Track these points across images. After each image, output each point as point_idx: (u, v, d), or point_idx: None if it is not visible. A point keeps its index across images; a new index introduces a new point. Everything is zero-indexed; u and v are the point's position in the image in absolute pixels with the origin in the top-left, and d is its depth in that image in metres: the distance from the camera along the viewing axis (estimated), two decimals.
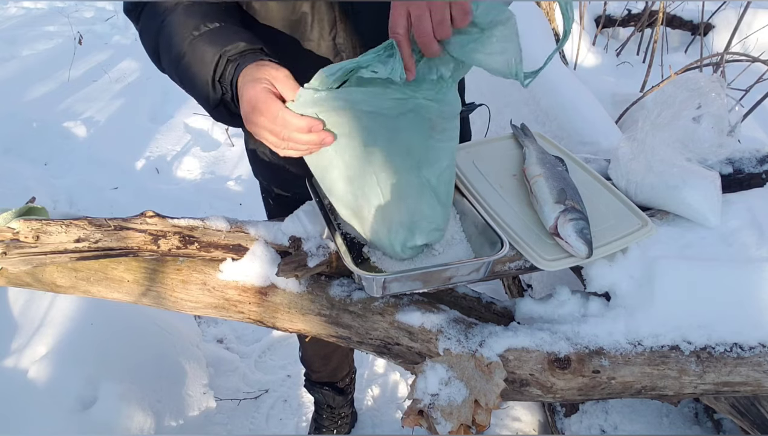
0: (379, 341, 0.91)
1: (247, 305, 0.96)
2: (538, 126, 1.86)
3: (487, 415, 0.79)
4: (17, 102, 3.54)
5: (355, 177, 0.81)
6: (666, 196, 0.97)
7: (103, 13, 5.30)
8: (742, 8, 2.94)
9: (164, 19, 0.86)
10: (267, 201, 1.28)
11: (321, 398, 1.67)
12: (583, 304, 0.94)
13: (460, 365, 0.83)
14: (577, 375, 0.86)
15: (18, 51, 4.35)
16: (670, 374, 0.86)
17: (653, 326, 0.88)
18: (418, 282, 0.84)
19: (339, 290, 0.94)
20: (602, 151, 1.51)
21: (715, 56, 2.52)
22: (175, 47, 0.84)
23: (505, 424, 1.74)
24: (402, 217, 0.83)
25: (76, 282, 0.98)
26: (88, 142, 3.23)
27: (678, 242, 0.95)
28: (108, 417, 1.50)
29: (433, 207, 0.85)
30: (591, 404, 1.46)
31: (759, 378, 0.87)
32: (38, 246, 0.88)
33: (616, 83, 3.23)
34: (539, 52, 2.04)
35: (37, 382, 1.51)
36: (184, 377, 1.76)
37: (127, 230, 0.91)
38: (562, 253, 0.89)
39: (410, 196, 0.83)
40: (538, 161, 1.01)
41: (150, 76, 3.88)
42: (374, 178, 0.81)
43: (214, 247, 0.94)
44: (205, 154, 3.17)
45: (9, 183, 2.70)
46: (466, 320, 0.92)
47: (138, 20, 0.94)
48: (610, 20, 4.09)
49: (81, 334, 1.65)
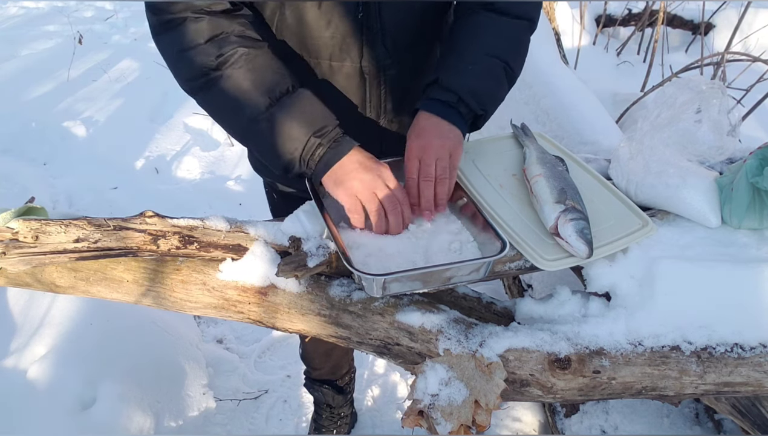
0: (379, 342, 0.91)
1: (247, 305, 0.95)
2: (539, 126, 1.86)
3: (487, 415, 0.79)
4: (17, 102, 3.54)
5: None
6: (666, 196, 0.97)
7: (102, 13, 5.30)
8: (743, 8, 2.94)
9: (221, 71, 0.87)
10: (271, 196, 1.29)
11: (321, 397, 1.67)
12: (583, 304, 0.93)
13: (460, 365, 0.83)
14: (577, 375, 0.85)
15: (17, 51, 4.35)
16: (670, 375, 0.86)
17: (654, 327, 0.88)
18: (418, 282, 0.84)
19: (339, 290, 0.94)
20: (602, 151, 1.51)
21: (716, 56, 2.53)
22: (247, 109, 0.88)
23: (505, 424, 1.74)
24: None
25: (76, 282, 0.98)
26: (87, 142, 3.23)
27: (678, 242, 0.95)
28: (107, 417, 1.50)
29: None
30: (591, 405, 1.45)
31: (760, 378, 0.87)
32: (37, 246, 0.88)
33: (616, 83, 3.23)
34: (539, 52, 2.04)
35: (37, 382, 1.51)
36: (183, 377, 1.76)
37: (126, 230, 0.90)
38: (562, 253, 0.88)
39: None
40: (539, 161, 1.01)
41: (149, 76, 3.87)
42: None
43: (213, 247, 0.94)
44: (205, 154, 3.16)
45: (8, 183, 2.70)
46: (467, 320, 0.92)
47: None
48: (610, 20, 4.09)
49: (80, 334, 1.65)
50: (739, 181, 0.92)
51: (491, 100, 0.97)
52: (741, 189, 0.92)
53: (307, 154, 0.88)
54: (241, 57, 0.87)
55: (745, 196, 0.92)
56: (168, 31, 0.88)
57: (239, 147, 3.18)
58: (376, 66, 0.98)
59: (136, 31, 4.90)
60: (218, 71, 0.87)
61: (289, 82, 0.89)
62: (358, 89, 1.01)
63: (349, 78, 0.99)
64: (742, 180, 0.92)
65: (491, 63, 0.95)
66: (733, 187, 0.94)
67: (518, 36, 0.99)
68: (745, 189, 0.91)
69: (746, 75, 2.63)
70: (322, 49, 0.95)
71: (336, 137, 0.89)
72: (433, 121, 0.93)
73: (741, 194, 0.92)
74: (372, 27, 0.93)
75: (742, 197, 0.92)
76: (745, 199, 0.92)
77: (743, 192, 0.92)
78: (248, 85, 0.87)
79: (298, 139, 0.87)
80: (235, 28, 0.87)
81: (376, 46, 0.96)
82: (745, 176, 0.91)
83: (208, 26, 0.86)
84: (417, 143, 0.93)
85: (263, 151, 0.92)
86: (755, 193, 0.91)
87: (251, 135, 0.91)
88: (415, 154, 0.93)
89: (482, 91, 0.94)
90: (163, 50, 0.91)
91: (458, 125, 0.94)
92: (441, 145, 0.92)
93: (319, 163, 0.88)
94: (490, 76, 0.95)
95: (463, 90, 0.92)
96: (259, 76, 0.87)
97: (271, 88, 0.87)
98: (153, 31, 0.90)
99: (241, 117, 0.89)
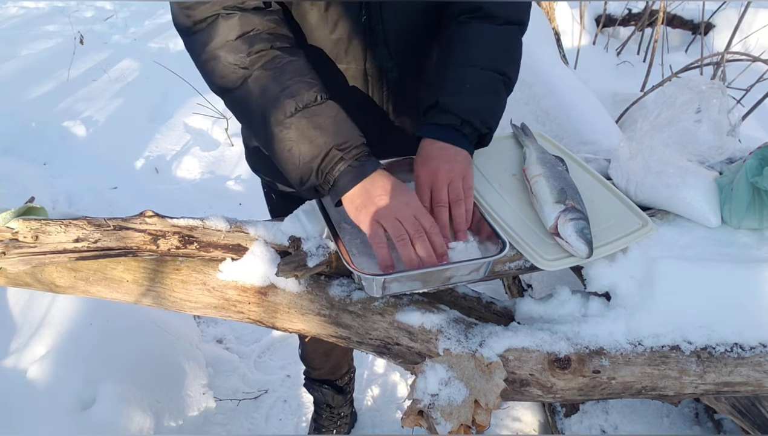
0: (378, 341, 0.91)
1: (247, 305, 0.95)
2: (539, 126, 1.86)
3: (487, 415, 0.79)
4: (16, 102, 3.54)
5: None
6: (666, 196, 0.97)
7: (102, 13, 5.30)
8: (743, 7, 2.94)
9: (251, 70, 0.85)
10: (270, 196, 1.28)
11: (320, 397, 1.67)
12: (583, 304, 0.93)
13: (460, 365, 0.83)
14: (577, 375, 0.85)
15: (17, 51, 4.35)
16: (670, 374, 0.86)
17: (653, 326, 0.88)
18: (418, 282, 0.84)
19: (339, 290, 0.94)
20: (602, 151, 1.51)
21: (716, 56, 2.53)
22: (273, 112, 0.85)
23: (505, 424, 1.74)
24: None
25: (76, 282, 0.98)
26: (87, 142, 3.22)
27: (678, 242, 0.95)
28: (107, 417, 1.50)
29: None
30: (591, 405, 1.45)
31: (759, 378, 0.87)
32: (37, 246, 0.88)
33: (616, 83, 3.23)
34: (539, 51, 2.04)
35: (37, 382, 1.51)
36: (183, 377, 1.76)
37: (126, 230, 0.90)
38: (562, 253, 0.88)
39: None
40: (539, 161, 1.01)
41: (149, 76, 3.87)
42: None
43: (213, 247, 0.94)
44: (205, 154, 3.16)
45: (8, 183, 2.70)
46: (466, 319, 0.92)
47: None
48: (610, 19, 4.09)
49: (80, 334, 1.65)
50: (739, 181, 0.92)
51: (493, 115, 0.95)
52: (741, 189, 0.92)
53: (326, 167, 0.84)
54: (274, 59, 0.85)
55: (744, 196, 0.92)
56: (200, 30, 0.86)
57: (239, 147, 3.17)
58: (378, 68, 0.98)
59: (136, 31, 4.90)
60: (248, 70, 0.85)
61: (318, 91, 0.86)
62: (361, 91, 1.01)
63: (353, 80, 0.99)
64: (742, 180, 0.92)
65: (489, 77, 0.93)
66: (733, 187, 0.94)
67: (510, 43, 0.97)
68: (745, 189, 0.91)
69: (746, 75, 2.64)
70: (326, 52, 0.95)
71: (360, 156, 0.85)
72: (438, 146, 0.92)
73: (741, 194, 0.92)
74: (374, 29, 0.93)
75: (742, 197, 0.92)
76: (745, 199, 0.92)
77: (743, 192, 0.92)
78: (277, 89, 0.85)
79: (319, 149, 0.84)
80: (267, 25, 0.86)
81: (379, 48, 0.96)
82: (745, 176, 0.91)
83: (239, 22, 0.84)
84: (425, 170, 0.91)
85: (282, 159, 0.88)
86: (755, 193, 0.91)
87: (274, 140, 0.87)
88: (424, 181, 0.90)
89: (483, 108, 0.93)
90: (194, 50, 0.89)
91: (465, 147, 0.92)
92: (450, 169, 0.90)
93: (339, 179, 0.85)
94: (489, 91, 0.94)
95: (464, 111, 0.91)
96: (288, 81, 0.85)
97: (299, 94, 0.85)
98: (184, 33, 0.88)
99: (267, 120, 0.86)
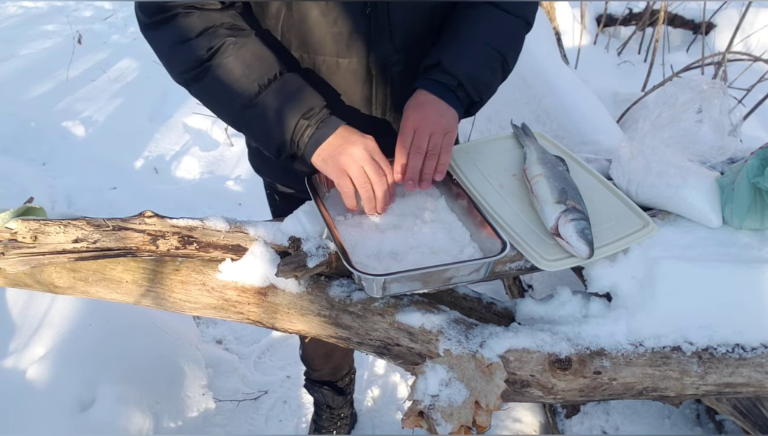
0: (379, 342, 0.91)
1: (247, 305, 0.95)
2: (539, 125, 1.85)
3: (487, 416, 0.79)
4: (15, 101, 3.53)
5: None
6: (667, 196, 0.97)
7: (101, 12, 5.29)
8: (744, 7, 2.94)
9: (211, 61, 0.89)
10: (272, 197, 1.28)
11: (321, 398, 1.67)
12: (584, 304, 0.93)
13: (460, 365, 0.82)
14: (578, 376, 0.85)
15: (16, 50, 4.34)
16: (671, 375, 0.86)
17: (655, 327, 0.88)
18: (418, 283, 0.84)
19: (339, 291, 0.94)
20: (603, 151, 1.51)
21: (717, 55, 2.52)
22: (238, 96, 0.90)
23: (505, 425, 1.74)
24: None
25: (75, 283, 0.98)
26: (86, 142, 3.22)
27: (679, 243, 0.94)
28: (106, 418, 1.50)
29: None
30: (592, 405, 1.45)
31: (761, 379, 0.86)
32: (36, 246, 0.88)
33: (617, 82, 3.23)
34: (540, 51, 2.04)
35: (36, 383, 1.51)
36: (182, 378, 1.75)
37: (125, 231, 0.90)
38: (562, 253, 0.88)
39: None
40: (539, 161, 1.01)
41: (149, 76, 3.87)
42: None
43: (213, 247, 0.93)
44: (204, 154, 3.16)
45: (7, 183, 2.70)
46: (467, 320, 0.92)
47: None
48: (611, 19, 4.09)
49: (79, 335, 1.65)
50: (741, 182, 0.92)
51: (487, 89, 0.99)
52: (742, 189, 0.92)
53: (296, 136, 0.90)
54: (230, 46, 0.88)
55: (746, 196, 0.91)
56: (159, 27, 0.89)
57: (239, 147, 3.17)
58: (382, 63, 0.98)
59: (135, 30, 4.89)
60: (209, 61, 0.89)
61: (276, 67, 0.91)
62: (364, 86, 1.00)
63: (356, 75, 0.99)
64: (743, 180, 0.92)
65: (490, 54, 0.97)
66: (734, 188, 0.93)
67: (516, 32, 1.01)
68: (747, 189, 0.91)
69: (747, 75, 2.63)
70: (328, 46, 0.95)
71: (323, 117, 0.91)
72: (431, 98, 0.95)
73: (742, 194, 0.92)
74: (380, 23, 0.94)
75: (744, 197, 0.92)
76: (747, 199, 0.91)
77: (744, 192, 0.91)
78: (238, 73, 0.89)
79: (288, 122, 0.89)
80: (225, 20, 0.89)
81: (384, 42, 0.96)
82: (747, 176, 0.91)
83: (199, 20, 0.88)
84: (415, 114, 0.94)
85: (256, 136, 0.95)
86: (756, 194, 0.91)
87: (244, 121, 0.93)
88: (411, 124, 0.93)
89: (480, 79, 0.96)
90: (155, 45, 0.93)
91: (455, 108, 0.95)
92: (437, 121, 0.93)
93: (308, 143, 0.91)
94: (488, 66, 0.97)
95: (463, 75, 0.94)
96: (248, 64, 0.89)
97: (260, 74, 0.89)
98: (143, 28, 0.92)
99: (234, 104, 0.91)
